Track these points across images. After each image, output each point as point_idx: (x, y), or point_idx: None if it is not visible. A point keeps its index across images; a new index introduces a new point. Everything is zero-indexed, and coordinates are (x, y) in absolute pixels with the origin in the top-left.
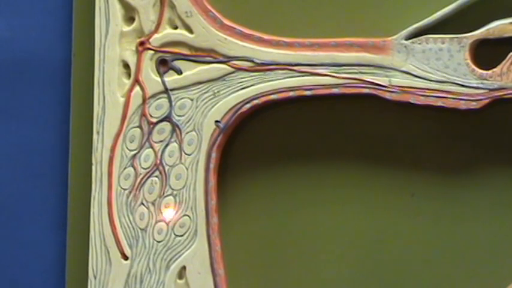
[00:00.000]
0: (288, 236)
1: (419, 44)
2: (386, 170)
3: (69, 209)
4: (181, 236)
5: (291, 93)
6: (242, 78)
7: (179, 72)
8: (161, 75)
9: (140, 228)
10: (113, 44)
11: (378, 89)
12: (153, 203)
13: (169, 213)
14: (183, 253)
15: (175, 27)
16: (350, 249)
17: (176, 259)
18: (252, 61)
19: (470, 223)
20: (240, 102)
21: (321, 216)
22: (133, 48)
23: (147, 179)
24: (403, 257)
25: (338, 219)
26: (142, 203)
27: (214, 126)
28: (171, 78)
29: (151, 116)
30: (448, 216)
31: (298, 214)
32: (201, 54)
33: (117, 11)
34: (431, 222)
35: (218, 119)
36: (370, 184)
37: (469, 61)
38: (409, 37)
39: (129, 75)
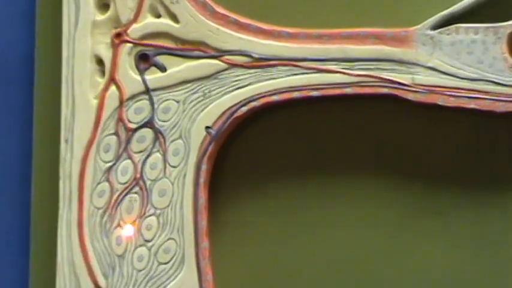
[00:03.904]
0: (292, 264)
1: (448, 34)
2: (410, 185)
3: (32, 232)
4: (165, 263)
5: (296, 94)
6: (237, 76)
7: (163, 69)
8: (141, 72)
9: (117, 255)
10: (83, 36)
11: (399, 88)
12: (132, 225)
13: (130, 229)
14: (167, 284)
15: (158, 16)
16: (365, 280)
17: None
18: (249, 56)
19: (510, 248)
20: (235, 104)
21: (332, 240)
22: (108, 41)
23: (125, 196)
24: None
25: (351, 243)
26: (119, 225)
27: (204, 133)
28: (153, 77)
29: (129, 121)
30: (482, 239)
31: (305, 237)
32: (188, 48)
33: None
34: (463, 247)
35: (209, 124)
36: (389, 203)
37: (506, 55)
38: (436, 26)
39: (103, 72)
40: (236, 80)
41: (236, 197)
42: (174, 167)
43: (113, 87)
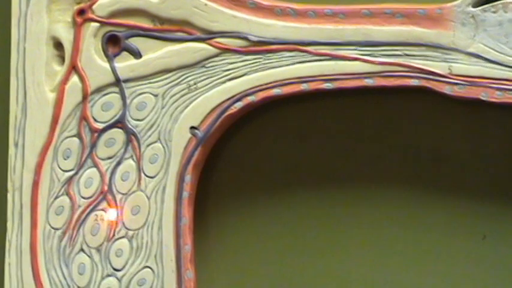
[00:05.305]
0: None
1: (494, 12)
2: (445, 201)
3: None
4: None
5: (303, 86)
6: (231, 63)
7: (137, 54)
8: (110, 59)
9: (79, 287)
10: (38, 13)
11: (433, 79)
12: (98, 250)
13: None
14: None
15: None
16: None
17: None
18: (245, 38)
19: None
20: (228, 99)
21: (349, 270)
22: (69, 20)
23: (89, 214)
24: None
25: (370, 272)
26: (82, 250)
27: (189, 136)
28: (124, 64)
29: (95, 119)
30: None
31: (313, 264)
32: (169, 29)
33: None
34: (507, 269)
35: (195, 124)
36: (419, 222)
37: None
38: (479, 3)
39: (62, 59)
40: (228, 69)
41: (228, 216)
42: (150, 177)
43: (75, 78)
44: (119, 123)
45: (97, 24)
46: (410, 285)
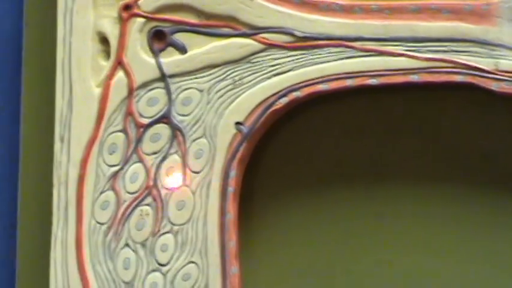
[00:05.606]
0: None
1: None
2: (494, 201)
3: (19, 254)
4: None
5: (349, 82)
6: (276, 59)
7: (182, 50)
8: (156, 54)
9: (124, 282)
10: (84, 9)
11: (479, 75)
12: (143, 245)
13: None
14: None
15: None
16: None
17: None
18: (290, 34)
19: None
20: (273, 95)
21: (392, 270)
22: (115, 15)
23: (134, 209)
24: None
25: (413, 272)
26: (127, 244)
27: (234, 131)
28: (170, 60)
29: (141, 115)
30: None
31: (358, 261)
32: (215, 24)
33: None
34: None
35: (240, 119)
36: (464, 222)
37: None
38: None
39: (108, 54)
40: (274, 65)
41: (273, 211)
42: (196, 172)
43: (120, 73)
44: (164, 118)
45: (143, 20)
46: (460, 282)
